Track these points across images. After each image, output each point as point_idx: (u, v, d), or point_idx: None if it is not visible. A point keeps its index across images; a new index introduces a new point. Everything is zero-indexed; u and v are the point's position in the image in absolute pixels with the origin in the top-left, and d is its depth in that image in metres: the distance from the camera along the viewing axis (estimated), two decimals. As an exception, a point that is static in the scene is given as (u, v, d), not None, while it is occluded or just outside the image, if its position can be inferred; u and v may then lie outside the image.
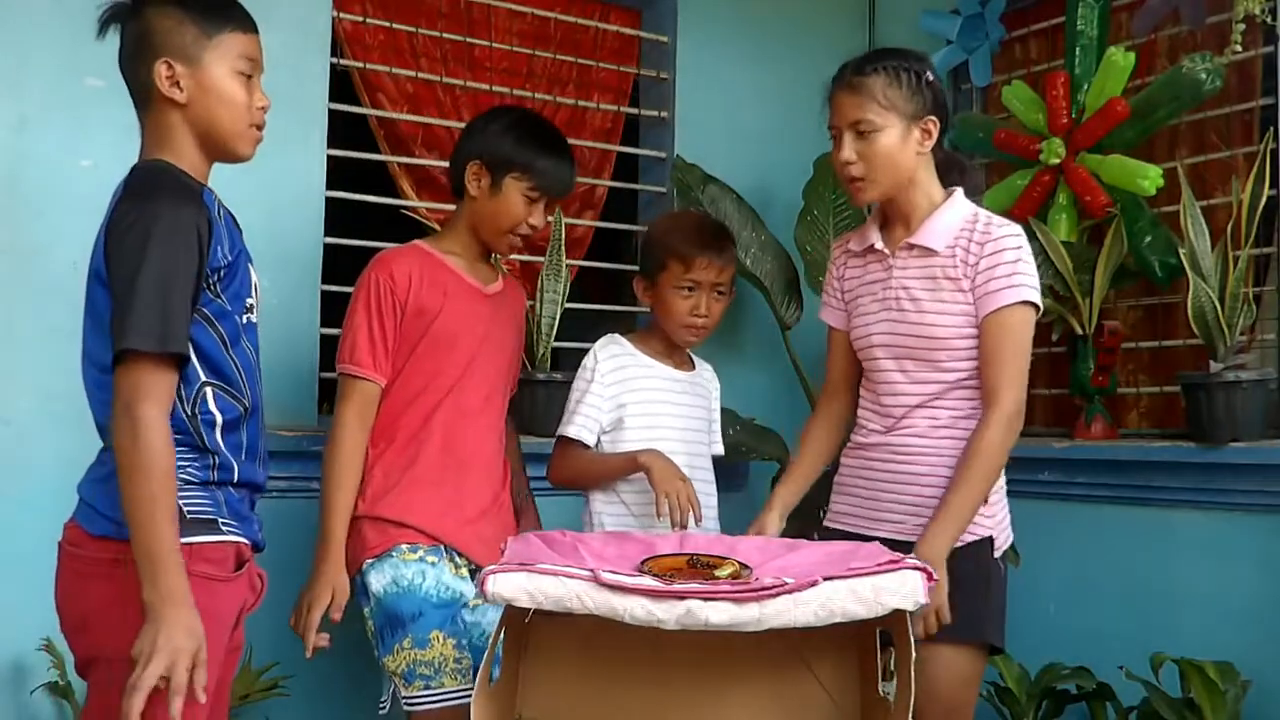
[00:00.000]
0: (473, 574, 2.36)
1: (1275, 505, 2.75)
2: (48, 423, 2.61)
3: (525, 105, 3.44)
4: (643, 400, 2.58)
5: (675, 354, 2.65)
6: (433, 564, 2.34)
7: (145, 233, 1.72)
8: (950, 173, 2.31)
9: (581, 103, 3.56)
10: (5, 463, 2.58)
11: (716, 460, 2.71)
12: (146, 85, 1.85)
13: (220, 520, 1.81)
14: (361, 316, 2.38)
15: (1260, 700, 2.67)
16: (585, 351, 3.22)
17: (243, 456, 1.87)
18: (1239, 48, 2.80)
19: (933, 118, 2.20)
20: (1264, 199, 2.81)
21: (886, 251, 2.26)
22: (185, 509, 1.76)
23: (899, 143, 2.18)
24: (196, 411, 1.80)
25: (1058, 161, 3.17)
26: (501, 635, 1.88)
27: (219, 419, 1.83)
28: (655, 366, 2.60)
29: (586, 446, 2.54)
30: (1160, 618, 2.91)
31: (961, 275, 2.18)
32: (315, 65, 2.99)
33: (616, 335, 2.65)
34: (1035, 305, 2.18)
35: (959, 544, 2.12)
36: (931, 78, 2.21)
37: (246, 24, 1.92)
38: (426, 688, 2.28)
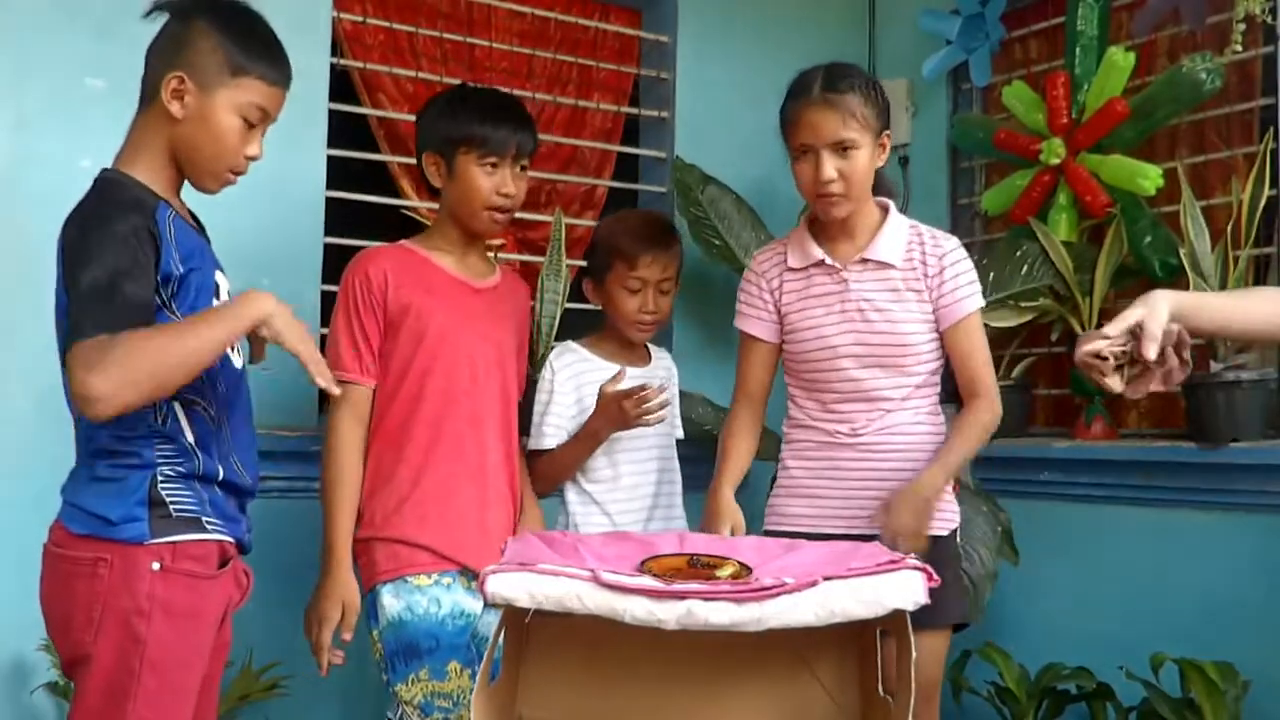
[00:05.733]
0: None
1: (1275, 505, 2.74)
2: (47, 423, 2.60)
3: (524, 105, 3.44)
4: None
5: (630, 351, 2.70)
6: (447, 586, 2.28)
7: (86, 241, 1.72)
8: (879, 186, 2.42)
9: (581, 103, 3.56)
10: (5, 463, 2.58)
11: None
12: (154, 86, 1.86)
13: (204, 519, 1.82)
14: (341, 319, 2.35)
15: (1260, 700, 2.67)
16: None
17: (224, 460, 1.87)
18: (1239, 48, 2.81)
19: (888, 131, 2.31)
20: (1264, 199, 2.81)
21: (837, 265, 2.33)
22: (171, 506, 1.78)
23: (870, 159, 2.27)
24: (166, 422, 1.80)
25: (1058, 161, 3.17)
26: (502, 635, 1.88)
27: (189, 430, 1.83)
28: (610, 368, 2.63)
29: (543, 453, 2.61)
30: (1160, 618, 2.91)
31: (924, 287, 2.32)
32: (315, 65, 2.98)
33: (569, 342, 2.70)
34: (982, 307, 2.37)
35: (948, 530, 2.33)
36: (883, 93, 2.32)
37: (275, 77, 1.92)
38: (445, 719, 2.24)
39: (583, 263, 3.54)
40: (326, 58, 3.02)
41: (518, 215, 3.40)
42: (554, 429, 2.58)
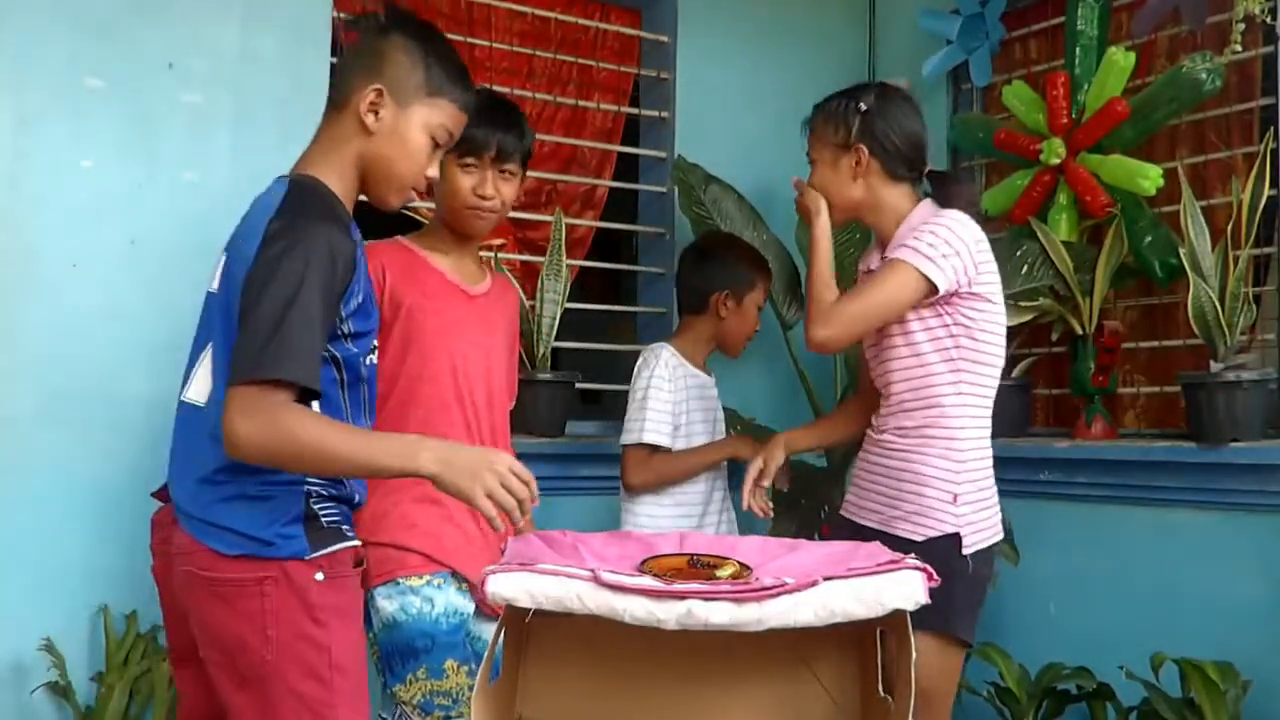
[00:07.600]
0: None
1: (1275, 505, 2.74)
2: (48, 423, 2.61)
3: (525, 105, 3.44)
4: (692, 408, 2.84)
5: (703, 362, 2.94)
6: (438, 586, 2.26)
7: (301, 261, 1.70)
8: (941, 191, 2.45)
9: (581, 103, 3.56)
10: (5, 463, 2.58)
11: None
12: (349, 96, 1.89)
13: (344, 528, 1.89)
14: None
15: (1260, 700, 2.67)
16: (586, 352, 3.22)
17: (360, 483, 1.94)
18: (1239, 48, 2.80)
19: (860, 145, 2.36)
20: (1264, 199, 2.81)
21: (873, 269, 2.42)
22: (324, 520, 1.84)
23: (831, 172, 2.42)
24: None
25: (1058, 161, 3.17)
26: (502, 635, 1.88)
27: None
28: (698, 375, 2.89)
29: (659, 449, 2.79)
30: (1160, 618, 2.91)
31: None
32: (315, 65, 2.97)
33: (666, 344, 2.89)
34: (919, 271, 2.25)
35: (924, 537, 2.27)
36: (864, 106, 2.36)
37: (466, 102, 1.96)
38: (446, 718, 2.23)
39: (582, 263, 3.56)
40: (326, 58, 3.02)
41: (518, 215, 3.42)
42: (659, 423, 2.77)
